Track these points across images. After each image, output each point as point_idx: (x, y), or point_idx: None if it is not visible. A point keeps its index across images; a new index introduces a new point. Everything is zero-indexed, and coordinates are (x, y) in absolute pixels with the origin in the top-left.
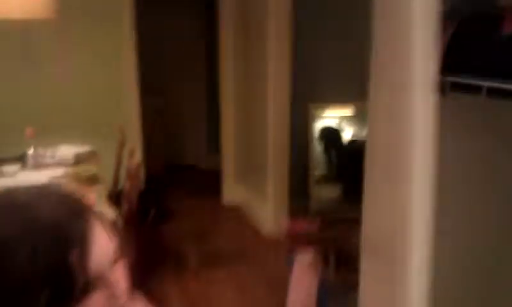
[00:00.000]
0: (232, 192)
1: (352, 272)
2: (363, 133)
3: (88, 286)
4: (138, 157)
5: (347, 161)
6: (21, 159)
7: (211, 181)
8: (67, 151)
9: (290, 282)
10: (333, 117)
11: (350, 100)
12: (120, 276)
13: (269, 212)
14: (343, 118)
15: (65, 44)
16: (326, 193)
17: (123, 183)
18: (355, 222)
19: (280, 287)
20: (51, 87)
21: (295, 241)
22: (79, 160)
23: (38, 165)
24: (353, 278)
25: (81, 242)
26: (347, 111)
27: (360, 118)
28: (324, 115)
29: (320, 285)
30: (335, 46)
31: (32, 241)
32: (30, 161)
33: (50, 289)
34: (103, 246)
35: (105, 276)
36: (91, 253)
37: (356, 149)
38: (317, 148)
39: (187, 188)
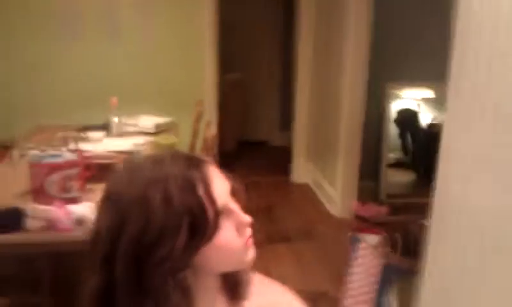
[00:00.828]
0: (302, 170)
1: (420, 258)
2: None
3: (218, 215)
4: (214, 129)
5: (424, 146)
6: (106, 127)
7: (282, 158)
8: (148, 121)
9: (353, 262)
10: (412, 98)
11: (430, 81)
12: (238, 208)
13: (337, 193)
14: (422, 100)
15: (149, 23)
16: (397, 178)
17: (199, 153)
18: (426, 208)
19: (340, 267)
20: (135, 61)
21: (362, 223)
22: (159, 129)
23: (122, 133)
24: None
25: (203, 181)
26: (427, 93)
27: (440, 100)
28: (402, 96)
29: (384, 268)
30: (415, 22)
31: (164, 188)
32: (114, 129)
33: (188, 223)
34: (220, 183)
35: (229, 206)
36: (214, 188)
37: (435, 134)
38: (392, 130)
39: (258, 164)
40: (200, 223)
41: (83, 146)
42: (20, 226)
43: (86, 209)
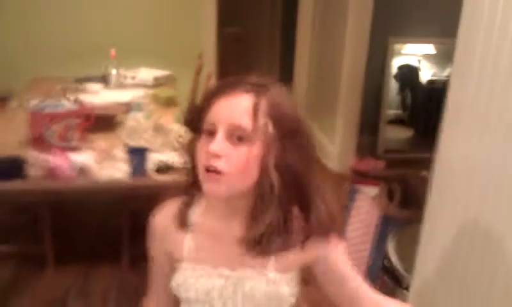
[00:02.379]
0: None
1: (417, 209)
2: (444, 73)
3: (200, 122)
4: (214, 82)
5: (423, 102)
6: (104, 79)
7: None
8: (147, 74)
9: (351, 212)
10: (413, 55)
11: (433, 37)
12: (217, 139)
13: (336, 148)
14: (423, 56)
15: None
16: (396, 133)
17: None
18: (424, 163)
19: (342, 219)
20: (134, 13)
21: (360, 177)
22: (157, 83)
23: (120, 86)
24: (418, 215)
25: (224, 94)
26: (429, 49)
27: (442, 57)
28: (403, 52)
29: (382, 219)
30: None
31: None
32: (112, 81)
33: (196, 112)
34: (230, 107)
35: (214, 130)
36: (218, 106)
37: (435, 90)
38: (393, 86)
39: None
40: (198, 115)
41: (82, 97)
42: (22, 173)
43: (88, 158)
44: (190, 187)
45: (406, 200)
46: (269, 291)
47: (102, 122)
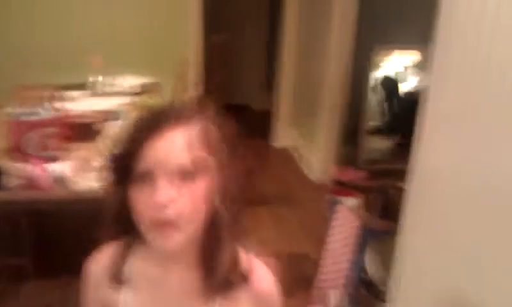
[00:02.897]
0: (283, 134)
1: (396, 220)
2: (422, 84)
3: (131, 170)
4: (194, 91)
5: (403, 113)
6: (87, 86)
7: (263, 123)
8: (133, 81)
9: (332, 223)
10: (395, 65)
11: (416, 45)
12: (159, 187)
13: (317, 158)
14: (405, 66)
15: None
16: (377, 144)
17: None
18: (405, 174)
19: (320, 230)
20: (118, 18)
21: (341, 188)
22: (143, 90)
23: (105, 93)
24: (397, 226)
25: (153, 134)
26: (411, 59)
27: (424, 66)
28: (384, 63)
29: (361, 230)
30: None
31: (136, 121)
32: (96, 88)
33: (120, 158)
34: (166, 148)
35: (152, 176)
36: (151, 148)
37: (414, 101)
38: (373, 97)
39: (238, 128)
40: (125, 164)
41: (63, 105)
42: (0, 184)
43: (65, 167)
44: (121, 236)
45: (386, 211)
46: None
47: (80, 130)
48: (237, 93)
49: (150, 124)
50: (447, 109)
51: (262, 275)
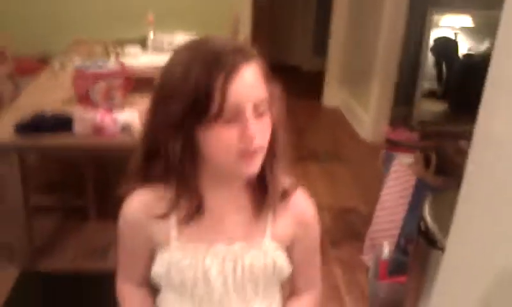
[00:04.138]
0: (334, 95)
1: (453, 177)
2: (482, 48)
3: (221, 109)
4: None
5: (459, 77)
6: (142, 42)
7: (313, 84)
8: (183, 38)
9: (387, 177)
10: (451, 27)
11: (472, 8)
12: (250, 121)
13: (369, 118)
14: (461, 29)
15: None
16: (430, 107)
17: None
18: (458, 136)
19: (369, 186)
20: None
21: (394, 146)
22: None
23: (157, 49)
24: (453, 183)
25: (228, 72)
26: (467, 22)
27: (479, 30)
28: (441, 24)
29: (417, 184)
30: None
31: (190, 60)
32: (150, 45)
33: (192, 98)
34: (246, 85)
35: (241, 112)
36: (233, 85)
37: (471, 65)
38: (430, 59)
39: (289, 89)
40: (201, 105)
41: (123, 59)
42: (68, 130)
43: (131, 116)
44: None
45: (442, 168)
46: (269, 262)
47: (141, 84)
48: (287, 55)
49: (224, 59)
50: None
51: (303, 199)
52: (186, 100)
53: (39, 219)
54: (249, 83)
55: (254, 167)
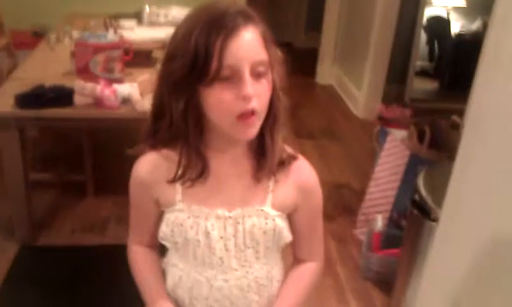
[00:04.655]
0: (327, 72)
1: (447, 151)
2: (473, 27)
3: (219, 68)
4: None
5: (451, 55)
6: (137, 16)
7: (306, 60)
8: (179, 12)
9: (381, 153)
10: (443, 6)
11: None
12: (247, 81)
13: (363, 95)
14: (454, 8)
15: None
16: (422, 84)
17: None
18: (450, 113)
19: (363, 162)
20: None
21: (387, 123)
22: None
23: (152, 23)
24: (447, 156)
25: (227, 34)
26: (459, 1)
27: (471, 10)
28: (434, 2)
29: (410, 158)
30: None
31: (194, 22)
32: (145, 18)
33: (193, 58)
34: (244, 47)
35: (238, 73)
36: (231, 45)
37: (463, 43)
38: (423, 37)
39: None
40: (200, 64)
41: (121, 32)
42: (69, 102)
43: (131, 89)
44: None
45: (435, 142)
46: (269, 228)
47: (139, 57)
48: (279, 31)
49: (223, 22)
50: (510, 40)
51: (304, 165)
52: (187, 60)
53: (37, 193)
54: (247, 44)
55: (252, 129)
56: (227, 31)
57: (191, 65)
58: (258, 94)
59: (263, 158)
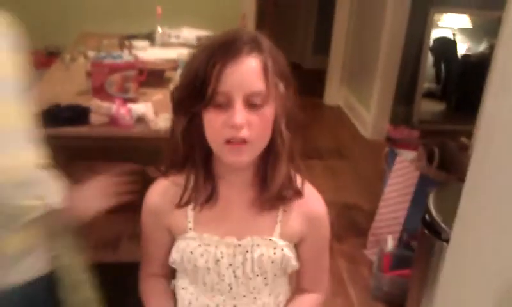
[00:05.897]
0: (335, 93)
1: (456, 172)
2: (479, 48)
3: (213, 94)
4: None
5: (457, 76)
6: (149, 37)
7: (314, 81)
8: (190, 33)
9: (390, 174)
10: (450, 27)
11: (470, 9)
12: (237, 110)
13: (371, 116)
14: (460, 29)
15: None
16: (430, 106)
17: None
18: (457, 135)
19: (371, 183)
20: None
21: (395, 144)
22: (200, 42)
23: (165, 44)
24: (456, 177)
25: (229, 59)
26: (465, 22)
27: (477, 31)
28: (440, 24)
29: (420, 179)
30: None
31: (202, 47)
32: (158, 39)
33: (191, 84)
34: (239, 73)
35: (231, 100)
36: (227, 73)
37: (469, 65)
38: (430, 59)
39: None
40: (198, 87)
41: (135, 52)
42: (85, 120)
43: (146, 108)
44: (178, 167)
45: (444, 163)
46: (277, 257)
47: (152, 77)
48: (287, 53)
49: (227, 48)
50: None
51: (313, 195)
52: (188, 81)
53: None
54: (244, 73)
55: (241, 157)
56: (227, 57)
57: (191, 87)
58: (251, 124)
59: (264, 189)
